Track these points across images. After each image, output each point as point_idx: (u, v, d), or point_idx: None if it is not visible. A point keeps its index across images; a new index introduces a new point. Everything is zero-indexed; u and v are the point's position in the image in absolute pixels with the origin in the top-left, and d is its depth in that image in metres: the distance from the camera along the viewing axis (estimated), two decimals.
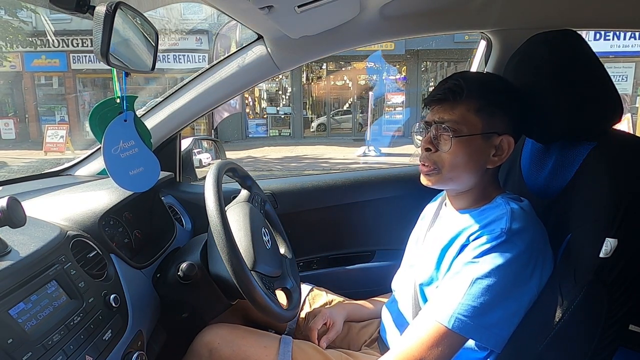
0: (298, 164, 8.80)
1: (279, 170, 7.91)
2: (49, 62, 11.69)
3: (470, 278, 0.69)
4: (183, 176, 1.38)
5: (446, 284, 0.73)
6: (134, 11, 0.75)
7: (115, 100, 0.83)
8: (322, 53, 1.21)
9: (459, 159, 0.75)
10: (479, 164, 0.76)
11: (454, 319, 0.69)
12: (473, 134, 0.74)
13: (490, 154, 0.76)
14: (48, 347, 0.57)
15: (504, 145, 0.76)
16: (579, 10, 1.10)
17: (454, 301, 0.70)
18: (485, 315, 0.69)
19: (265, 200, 1.11)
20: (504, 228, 0.70)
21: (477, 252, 0.70)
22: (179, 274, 0.87)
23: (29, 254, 0.61)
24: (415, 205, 1.03)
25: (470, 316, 0.68)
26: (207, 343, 0.90)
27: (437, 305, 0.72)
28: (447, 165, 0.76)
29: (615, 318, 0.68)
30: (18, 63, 11.37)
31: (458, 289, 0.70)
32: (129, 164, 0.83)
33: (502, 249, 0.69)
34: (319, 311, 1.04)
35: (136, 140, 0.85)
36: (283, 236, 1.12)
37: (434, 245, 0.81)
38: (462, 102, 0.75)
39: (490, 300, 0.68)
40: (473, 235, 0.73)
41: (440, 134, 0.76)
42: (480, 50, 1.29)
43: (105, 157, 0.78)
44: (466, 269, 0.71)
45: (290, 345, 0.90)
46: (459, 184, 0.79)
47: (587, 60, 0.74)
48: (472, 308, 0.68)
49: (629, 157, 0.70)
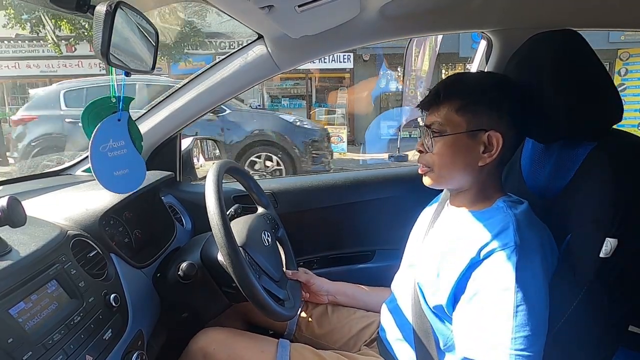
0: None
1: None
2: (194, 65, 11.25)
3: (511, 308, 0.66)
4: (183, 176, 1.38)
5: (482, 318, 0.68)
6: (134, 11, 0.75)
7: (110, 99, 0.81)
8: (323, 53, 1.21)
9: (446, 158, 0.77)
10: (468, 161, 0.77)
11: (512, 357, 0.65)
12: (456, 132, 0.76)
13: (479, 151, 0.76)
14: (48, 346, 0.57)
15: (492, 141, 0.75)
16: (579, 10, 1.10)
17: (505, 338, 0.66)
18: (538, 340, 0.66)
19: (279, 225, 1.11)
20: (517, 241, 0.68)
21: (503, 276, 0.67)
22: (179, 274, 0.87)
23: (29, 254, 0.61)
24: (415, 205, 1.03)
25: (525, 347, 0.65)
26: (202, 347, 0.89)
27: (482, 344, 0.68)
28: (437, 164, 0.79)
29: (615, 318, 0.69)
30: (164, 66, 11.05)
31: (504, 324, 0.66)
32: (115, 164, 0.80)
33: (524, 266, 0.67)
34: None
35: (126, 141, 0.83)
36: (291, 258, 1.13)
37: (434, 246, 0.81)
38: (443, 104, 0.77)
39: (536, 322, 0.66)
40: (484, 250, 0.70)
41: (428, 136, 0.79)
42: (481, 50, 1.29)
43: (92, 153, 0.76)
44: (501, 299, 0.67)
45: (287, 348, 0.89)
46: (455, 182, 0.80)
47: (587, 60, 0.74)
48: (525, 339, 0.65)
49: (629, 157, 0.70)
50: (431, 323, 0.80)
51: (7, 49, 11.13)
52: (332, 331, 1.05)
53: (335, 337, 1.04)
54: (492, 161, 0.76)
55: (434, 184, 0.81)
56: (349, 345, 1.02)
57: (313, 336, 1.06)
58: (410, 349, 0.85)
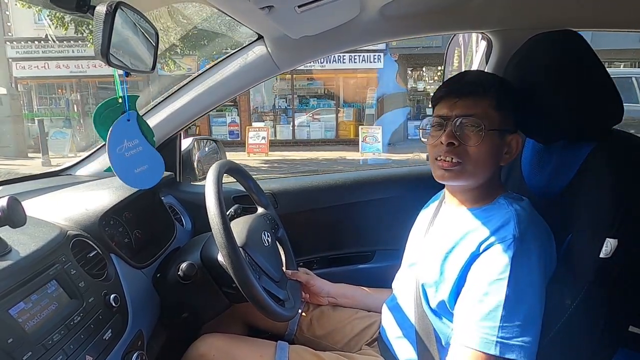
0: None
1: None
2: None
3: (501, 298, 0.67)
4: (183, 176, 1.38)
5: (475, 307, 0.70)
6: (134, 11, 0.75)
7: (117, 100, 0.84)
8: (322, 53, 1.21)
9: (483, 153, 0.74)
10: (496, 160, 0.77)
11: (498, 345, 0.66)
12: (496, 129, 0.74)
13: (503, 152, 0.77)
14: (48, 346, 0.57)
15: (514, 144, 0.77)
16: (579, 10, 1.10)
17: (492, 326, 0.67)
18: (527, 332, 0.67)
19: (279, 225, 1.11)
20: (515, 234, 0.69)
21: (498, 267, 0.68)
22: (179, 274, 0.87)
23: (29, 254, 0.61)
24: (415, 205, 1.03)
25: (512, 337, 0.66)
26: (201, 354, 0.90)
27: (474, 333, 0.69)
28: (473, 159, 0.74)
29: (615, 318, 0.69)
30: (194, 66, 10.97)
31: (493, 312, 0.67)
32: (133, 162, 0.85)
33: (521, 259, 0.68)
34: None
35: (140, 139, 0.87)
36: (291, 258, 1.13)
37: (436, 245, 0.81)
38: (485, 97, 0.74)
39: (527, 314, 0.67)
40: (484, 244, 0.71)
41: (466, 128, 0.74)
42: (481, 50, 1.29)
43: (110, 156, 0.80)
44: (494, 288, 0.68)
45: (286, 350, 0.90)
46: (475, 180, 0.77)
47: (587, 60, 0.74)
48: (511, 328, 0.67)
49: (629, 157, 0.70)
50: (432, 322, 0.80)
51: (37, 49, 11.11)
52: (333, 331, 1.05)
53: (336, 338, 1.04)
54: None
55: (454, 179, 0.77)
56: (350, 346, 1.02)
57: (314, 336, 1.06)
58: (411, 347, 0.85)
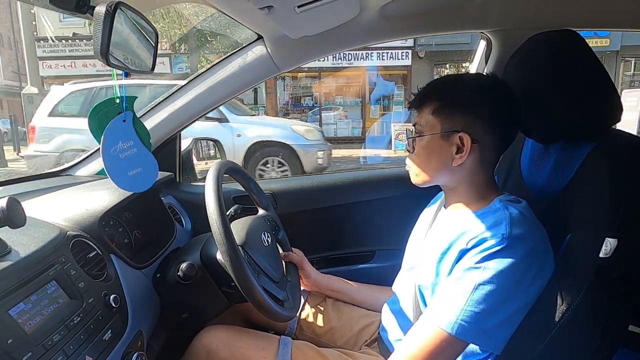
0: None
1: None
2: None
3: (472, 284, 0.69)
4: (183, 176, 1.38)
5: (447, 290, 0.73)
6: (133, 11, 0.75)
7: (114, 100, 0.83)
8: (322, 53, 1.21)
9: (421, 158, 0.82)
10: (442, 161, 0.79)
11: (456, 325, 0.69)
12: (431, 133, 0.79)
13: (452, 152, 0.77)
14: (48, 347, 0.57)
15: (465, 142, 0.76)
16: (579, 10, 1.10)
17: (456, 307, 0.69)
18: (487, 320, 0.69)
19: (279, 227, 1.11)
20: (504, 233, 0.70)
21: (478, 257, 0.70)
22: (179, 274, 0.87)
23: (29, 254, 0.61)
24: (415, 206, 1.03)
25: (473, 322, 0.68)
26: (205, 345, 0.90)
27: (438, 311, 0.72)
28: (415, 164, 0.83)
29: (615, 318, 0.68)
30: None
31: (460, 295, 0.70)
32: (127, 164, 0.83)
33: (504, 255, 0.69)
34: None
35: (135, 140, 0.85)
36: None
37: (433, 247, 0.81)
38: (424, 106, 0.80)
39: (492, 305, 0.68)
40: (473, 240, 0.72)
41: (412, 137, 0.83)
42: (480, 50, 1.29)
43: (104, 157, 0.79)
44: (468, 274, 0.70)
45: (289, 346, 0.90)
46: (434, 181, 0.83)
47: (587, 60, 0.74)
48: (474, 314, 0.68)
49: (629, 157, 0.70)
50: None
51: (64, 48, 11.08)
52: (333, 330, 1.05)
53: (335, 336, 1.04)
54: (470, 161, 0.77)
55: (416, 182, 0.85)
56: (349, 344, 1.02)
57: (314, 335, 1.06)
58: None
